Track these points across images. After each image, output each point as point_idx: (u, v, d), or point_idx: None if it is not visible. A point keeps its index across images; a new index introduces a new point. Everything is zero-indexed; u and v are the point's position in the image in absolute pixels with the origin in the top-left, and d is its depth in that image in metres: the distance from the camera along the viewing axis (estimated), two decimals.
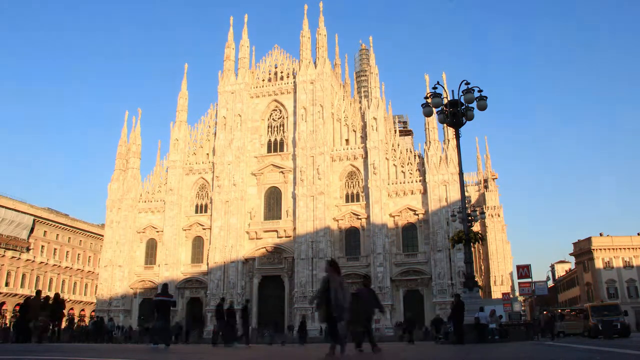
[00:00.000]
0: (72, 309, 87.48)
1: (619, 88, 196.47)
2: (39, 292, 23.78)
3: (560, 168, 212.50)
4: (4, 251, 74.33)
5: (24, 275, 78.27)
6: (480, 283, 79.49)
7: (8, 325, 60.60)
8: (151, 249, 70.63)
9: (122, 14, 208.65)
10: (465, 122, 22.08)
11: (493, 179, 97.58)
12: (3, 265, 74.44)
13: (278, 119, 70.02)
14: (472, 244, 27.29)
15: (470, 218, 31.34)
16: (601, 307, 38.04)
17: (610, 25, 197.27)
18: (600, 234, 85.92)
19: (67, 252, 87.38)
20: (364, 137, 65.15)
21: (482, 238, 35.75)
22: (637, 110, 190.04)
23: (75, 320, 73.80)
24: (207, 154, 71.50)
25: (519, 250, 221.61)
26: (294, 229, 63.44)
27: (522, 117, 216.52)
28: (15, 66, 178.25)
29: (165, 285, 21.41)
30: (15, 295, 75.65)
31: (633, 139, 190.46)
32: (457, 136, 23.01)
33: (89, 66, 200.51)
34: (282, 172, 66.97)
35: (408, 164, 63.81)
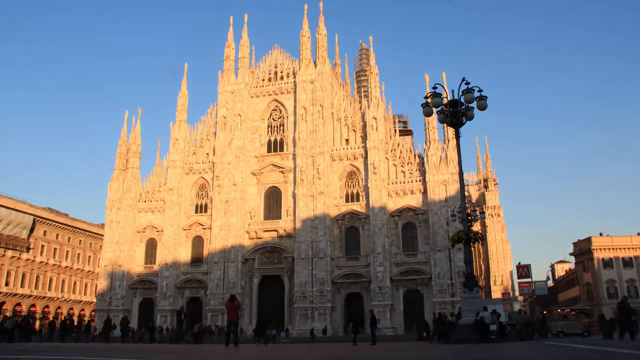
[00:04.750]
0: (72, 308, 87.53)
1: (619, 88, 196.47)
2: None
3: (560, 168, 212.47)
4: (4, 251, 74.33)
5: (24, 275, 78.28)
6: (480, 283, 79.60)
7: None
8: (151, 248, 70.59)
9: (123, 13, 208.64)
10: (465, 122, 22.03)
11: (493, 179, 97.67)
12: (3, 265, 74.44)
13: (278, 118, 69.99)
14: (472, 244, 27.26)
15: (470, 218, 31.36)
16: None
17: (612, 26, 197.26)
18: (600, 234, 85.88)
19: (67, 251, 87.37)
20: (364, 137, 65.12)
21: (482, 238, 35.73)
22: (638, 110, 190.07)
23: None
24: (207, 153, 71.47)
25: (519, 250, 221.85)
26: (294, 228, 63.41)
27: (522, 117, 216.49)
28: (14, 65, 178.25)
29: None
30: (15, 295, 75.67)
31: (633, 139, 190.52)
32: (457, 136, 22.97)
33: (89, 65, 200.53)
34: (282, 171, 66.96)
35: (408, 164, 63.77)
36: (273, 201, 67.04)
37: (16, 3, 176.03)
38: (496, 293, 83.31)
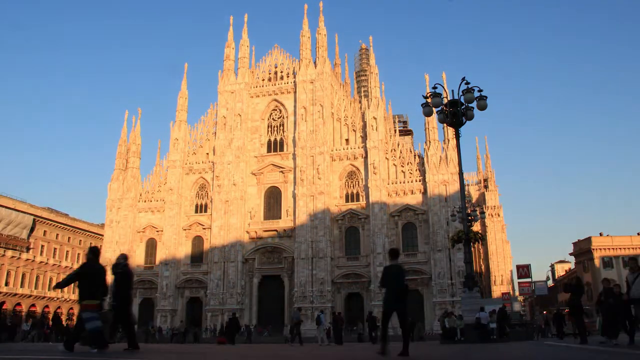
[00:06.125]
0: (71, 308, 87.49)
1: (618, 88, 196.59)
2: None
3: (560, 167, 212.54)
4: (4, 251, 74.28)
5: (23, 275, 78.21)
6: (480, 283, 79.61)
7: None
8: (151, 248, 70.62)
9: (123, 13, 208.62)
10: (465, 121, 21.99)
11: (493, 179, 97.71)
12: (3, 264, 74.38)
13: (278, 118, 70.02)
14: (472, 244, 27.33)
15: (470, 218, 31.36)
16: None
17: (611, 26, 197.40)
18: (600, 234, 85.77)
19: (67, 251, 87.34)
20: (364, 137, 65.15)
21: (482, 238, 35.83)
22: (637, 110, 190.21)
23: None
24: (207, 153, 71.51)
25: (519, 250, 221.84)
26: (294, 228, 63.45)
27: (522, 117, 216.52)
28: (15, 65, 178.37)
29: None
30: (15, 295, 75.62)
31: (633, 139, 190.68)
32: (457, 136, 22.94)
33: (89, 65, 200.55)
34: (282, 171, 66.99)
35: (408, 164, 63.80)
36: (273, 201, 67.08)
37: (16, 3, 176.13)
38: (496, 293, 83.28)
